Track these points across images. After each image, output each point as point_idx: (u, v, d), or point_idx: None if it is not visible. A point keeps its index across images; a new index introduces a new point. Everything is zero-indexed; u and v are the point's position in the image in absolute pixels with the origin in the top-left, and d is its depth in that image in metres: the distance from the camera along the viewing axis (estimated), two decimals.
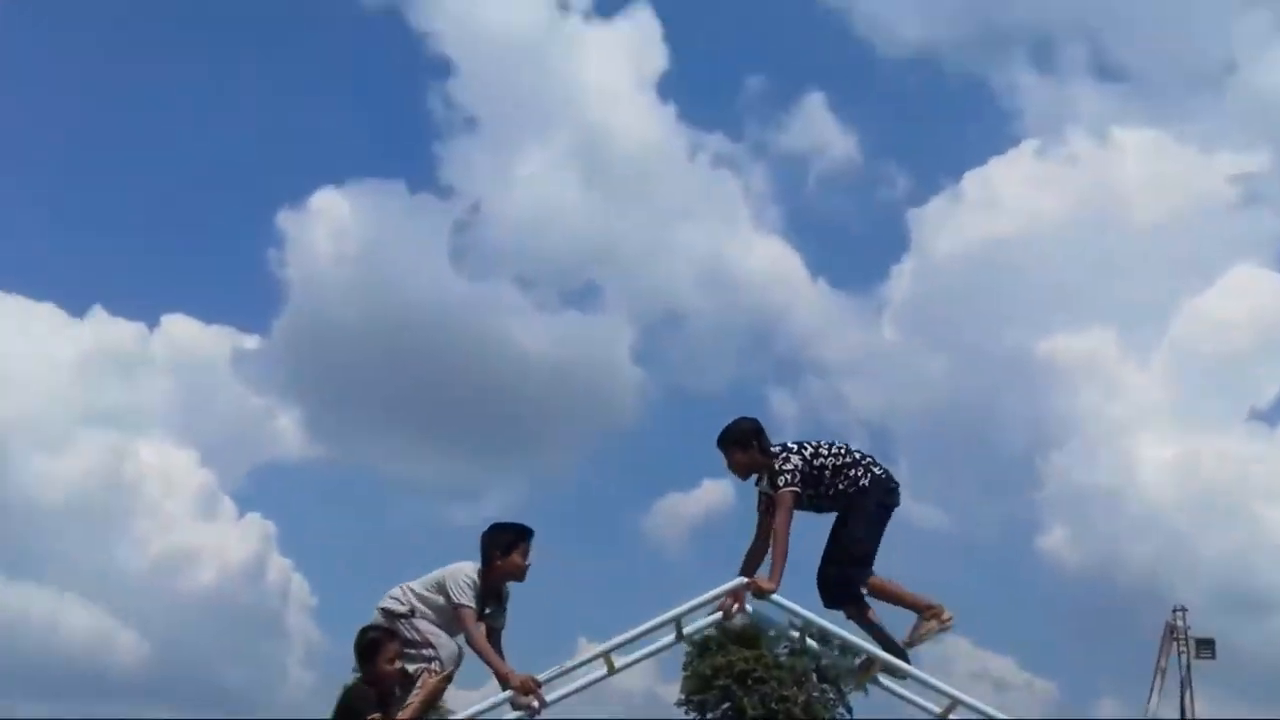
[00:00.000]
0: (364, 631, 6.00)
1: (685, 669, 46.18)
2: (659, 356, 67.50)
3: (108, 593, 56.18)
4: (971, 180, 65.55)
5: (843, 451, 6.36)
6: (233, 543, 59.56)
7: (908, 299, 66.72)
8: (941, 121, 75.37)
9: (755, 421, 6.39)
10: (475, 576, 6.12)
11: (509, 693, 5.93)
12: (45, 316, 64.37)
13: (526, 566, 6.16)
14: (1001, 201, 63.25)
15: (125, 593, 55.85)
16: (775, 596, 6.02)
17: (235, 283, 75.59)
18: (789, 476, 6.17)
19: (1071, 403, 60.40)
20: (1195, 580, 52.94)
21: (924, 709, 6.14)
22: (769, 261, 66.30)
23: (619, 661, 6.13)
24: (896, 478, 6.46)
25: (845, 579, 6.23)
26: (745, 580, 6.11)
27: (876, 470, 6.40)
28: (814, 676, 46.54)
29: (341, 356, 63.49)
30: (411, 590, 6.23)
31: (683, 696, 46.32)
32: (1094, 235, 62.55)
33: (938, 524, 60.60)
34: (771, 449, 6.32)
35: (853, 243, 70.98)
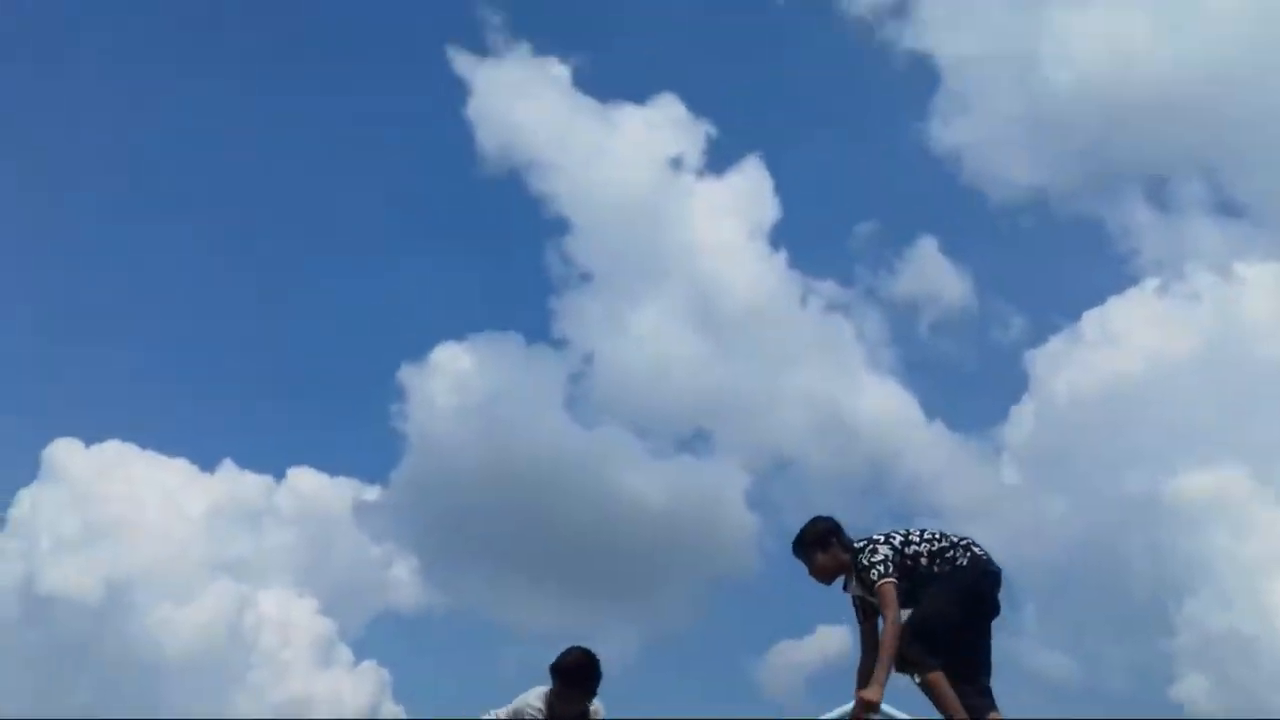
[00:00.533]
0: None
1: None
2: (773, 502, 67.17)
3: None
4: (1090, 320, 64.09)
5: (937, 537, 5.69)
6: (348, 690, 60.41)
7: (1028, 440, 64.98)
8: (1056, 262, 74.29)
9: (831, 520, 5.82)
10: (541, 704, 5.78)
11: None
12: (178, 470, 67.11)
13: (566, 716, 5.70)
14: (1122, 340, 61.66)
15: None
16: (886, 707, 5.34)
17: (358, 436, 77.99)
18: (882, 568, 5.48)
19: (1203, 544, 57.93)
20: None
21: None
22: (883, 404, 65.17)
23: None
24: (998, 565, 5.67)
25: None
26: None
27: (977, 550, 5.66)
28: None
29: (458, 505, 64.45)
30: (497, 717, 5.99)
31: None
32: (1220, 372, 60.54)
33: (1066, 672, 57.99)
34: (855, 544, 5.69)
35: (969, 385, 69.78)
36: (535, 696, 5.74)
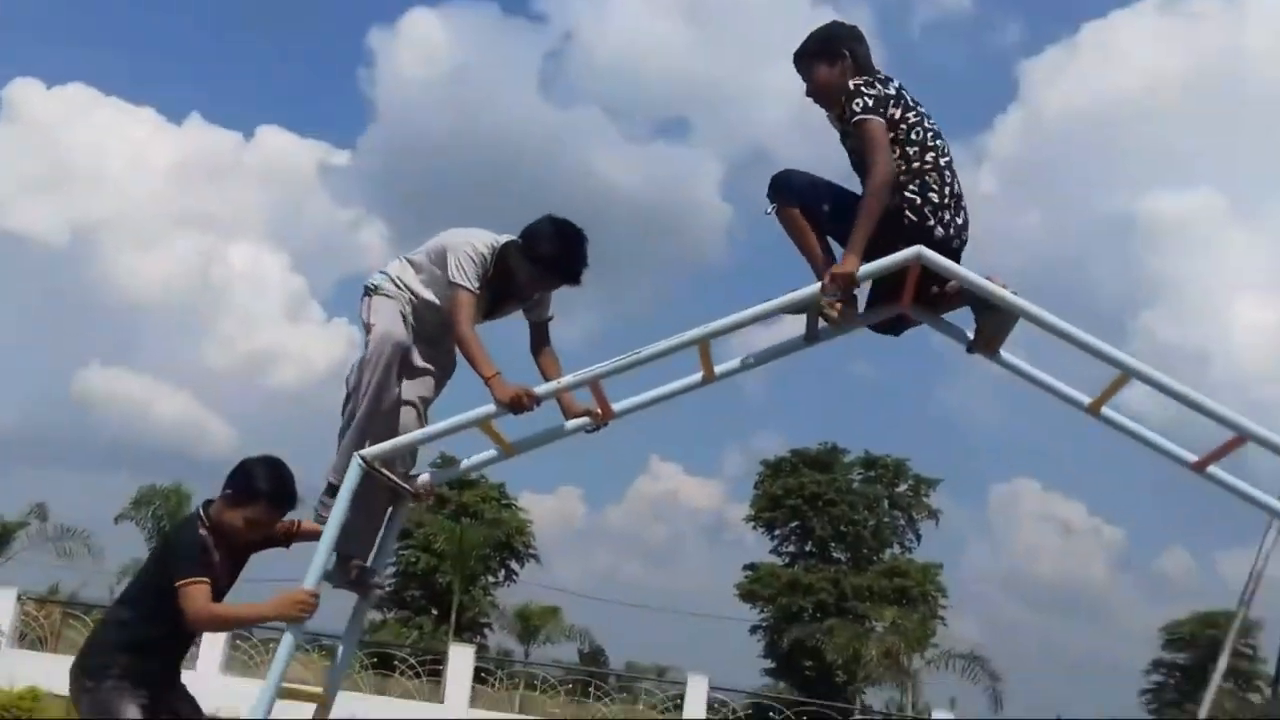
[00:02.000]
0: (264, 469, 4.23)
1: (756, 488, 46.63)
2: (748, 194, 66.53)
3: (198, 384, 58.83)
4: (1090, 32, 62.70)
5: (936, 165, 4.17)
6: (319, 346, 61.57)
7: (1010, 152, 64.55)
8: None
9: (857, 29, 4.40)
10: (485, 250, 4.47)
11: (486, 408, 4.25)
12: (145, 120, 65.86)
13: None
14: (1119, 57, 60.54)
15: (214, 385, 58.33)
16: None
17: (327, 99, 76.33)
18: (866, 102, 4.12)
19: (1171, 264, 58.67)
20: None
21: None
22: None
23: (720, 367, 4.34)
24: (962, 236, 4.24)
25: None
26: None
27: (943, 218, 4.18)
28: (885, 503, 46.75)
29: (426, 176, 63.87)
30: (408, 261, 4.66)
31: (751, 513, 46.94)
32: (1213, 97, 59.51)
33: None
34: (871, 73, 4.32)
35: (957, 90, 67.92)
36: (483, 239, 4.51)
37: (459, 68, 66.72)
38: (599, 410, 4.42)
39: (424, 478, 4.55)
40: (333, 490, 4.26)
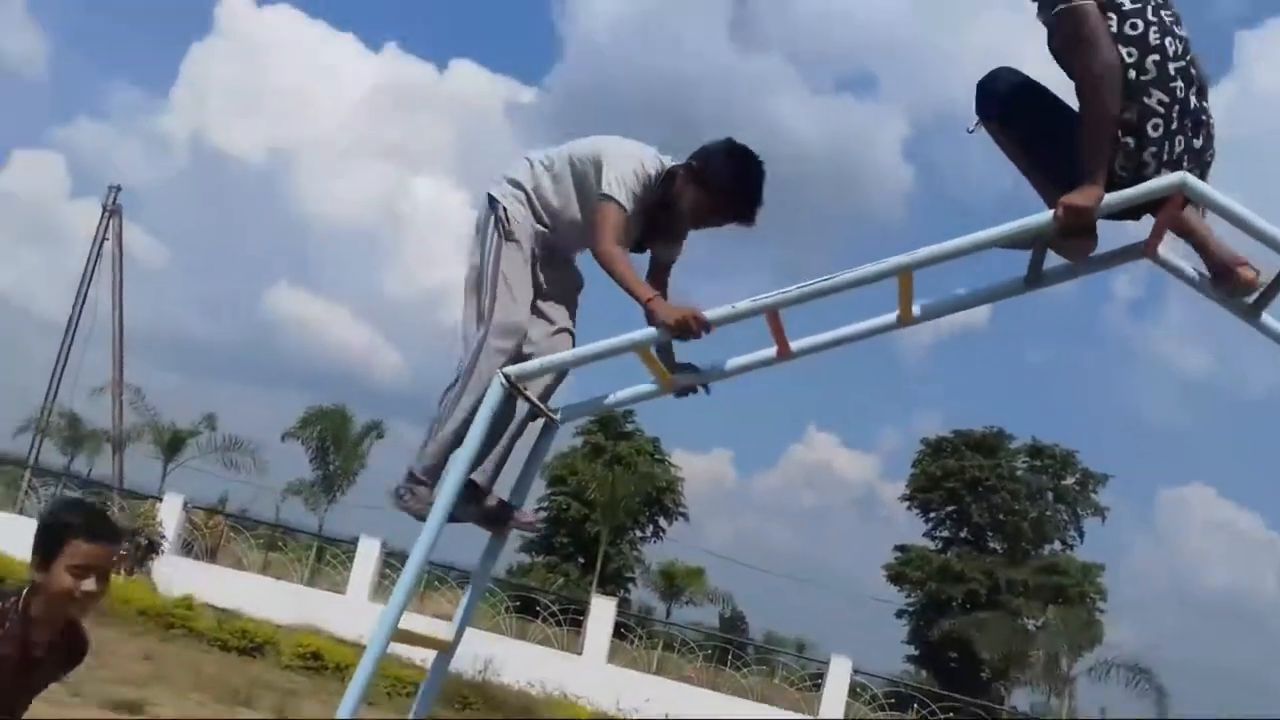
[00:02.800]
0: (64, 508, 3.20)
1: (914, 467, 45.26)
2: (931, 157, 64.44)
3: (374, 312, 60.44)
4: None
5: (1159, 77, 3.32)
6: None
7: (1217, 128, 60.82)
8: None
9: None
10: (651, 171, 3.87)
11: (648, 331, 3.67)
12: (345, 46, 67.80)
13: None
14: None
15: (391, 315, 59.89)
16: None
17: (519, 33, 77.42)
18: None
19: None
20: None
21: None
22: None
23: (918, 306, 3.63)
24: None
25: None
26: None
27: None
28: (1049, 495, 44.82)
29: (608, 118, 63.74)
30: (543, 166, 4.01)
31: (907, 492, 45.63)
32: None
33: (1203, 369, 57.01)
34: None
35: None
36: (651, 157, 3.90)
37: (649, 8, 66.72)
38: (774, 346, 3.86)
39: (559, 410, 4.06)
40: (413, 479, 3.76)
